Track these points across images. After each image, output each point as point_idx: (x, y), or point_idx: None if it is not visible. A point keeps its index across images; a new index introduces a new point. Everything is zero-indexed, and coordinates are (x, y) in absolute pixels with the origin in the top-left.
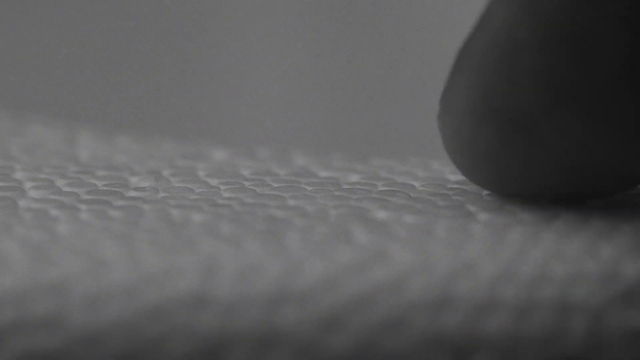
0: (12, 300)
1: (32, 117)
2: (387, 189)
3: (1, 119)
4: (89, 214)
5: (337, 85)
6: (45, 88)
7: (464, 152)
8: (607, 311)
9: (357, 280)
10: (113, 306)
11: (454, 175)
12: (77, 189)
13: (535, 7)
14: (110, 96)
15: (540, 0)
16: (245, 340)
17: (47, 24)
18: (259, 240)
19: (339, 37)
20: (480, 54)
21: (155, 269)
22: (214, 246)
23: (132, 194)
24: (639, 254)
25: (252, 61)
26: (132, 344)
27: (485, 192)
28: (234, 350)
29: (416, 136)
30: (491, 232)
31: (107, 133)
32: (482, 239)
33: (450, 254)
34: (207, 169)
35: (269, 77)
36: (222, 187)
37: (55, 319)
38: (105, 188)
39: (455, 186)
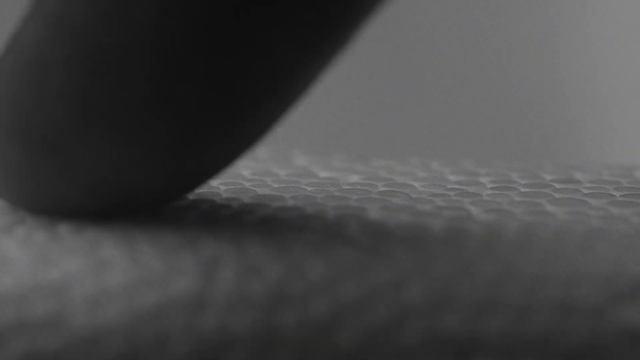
0: (12, 301)
1: None
2: (387, 189)
3: None
4: (89, 214)
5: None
6: None
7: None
8: (607, 311)
9: (357, 281)
10: (113, 306)
11: (454, 176)
12: None
13: (64, 24)
14: None
15: (69, 16)
16: (245, 340)
17: None
18: (259, 241)
19: None
20: (9, 73)
21: (155, 269)
22: (214, 246)
23: None
24: (639, 253)
25: None
26: (132, 344)
27: (485, 192)
28: (234, 351)
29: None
30: (491, 232)
31: None
32: (482, 239)
33: (450, 254)
34: None
35: None
36: (222, 187)
37: (56, 319)
38: None
39: (455, 186)
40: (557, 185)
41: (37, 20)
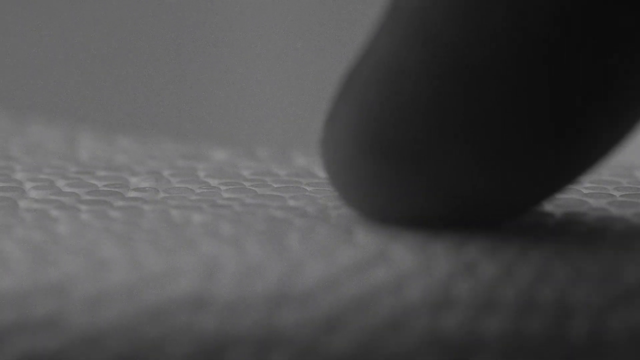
0: (12, 301)
1: (32, 117)
2: None
3: (1, 119)
4: (89, 215)
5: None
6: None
7: (346, 180)
8: (607, 311)
9: (357, 281)
10: (113, 307)
11: None
12: (77, 190)
13: (424, 37)
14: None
15: (430, 30)
16: (245, 341)
17: (47, 24)
18: (259, 241)
19: (339, 37)
20: (364, 82)
21: (155, 269)
22: (214, 246)
23: (133, 194)
24: (639, 254)
25: (252, 61)
26: (132, 345)
27: None
28: (234, 351)
29: None
30: (491, 232)
31: (107, 133)
32: (482, 239)
33: (450, 254)
34: (207, 170)
35: (269, 77)
36: (222, 187)
37: (56, 320)
38: (105, 188)
39: None
40: None
41: (395, 30)
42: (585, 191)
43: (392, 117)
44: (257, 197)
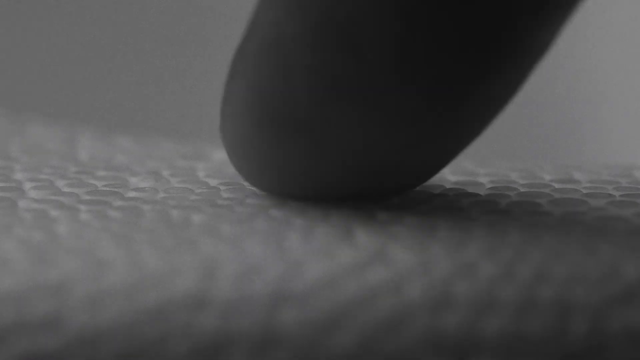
0: (12, 301)
1: (32, 117)
2: None
3: (1, 119)
4: (88, 215)
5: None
6: (45, 88)
7: (246, 157)
8: (607, 311)
9: (357, 280)
10: (113, 306)
11: (454, 176)
12: (77, 190)
13: (302, 2)
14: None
15: None
16: (245, 340)
17: (47, 23)
18: (259, 241)
19: None
20: (252, 56)
21: (155, 269)
22: (214, 246)
23: (132, 194)
24: (638, 254)
25: None
26: (132, 345)
27: (484, 192)
28: (233, 351)
29: None
30: (491, 232)
31: (107, 133)
32: (481, 239)
33: (450, 254)
34: (207, 169)
35: None
36: (222, 187)
37: (55, 320)
38: (105, 188)
39: (455, 186)
40: (557, 185)
41: (270, 1)
42: (585, 191)
43: (279, 88)
44: (257, 197)
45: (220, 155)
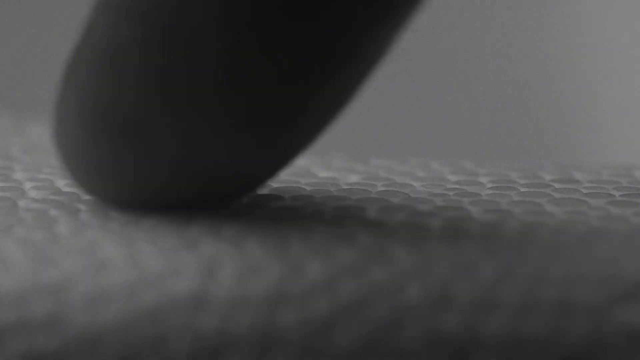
0: (12, 301)
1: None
2: (386, 189)
3: (1, 119)
4: (88, 214)
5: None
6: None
7: (80, 165)
8: (607, 311)
9: (357, 281)
10: (113, 306)
11: (454, 175)
12: (77, 189)
13: (132, 7)
14: None
15: (132, 3)
16: (244, 340)
17: (47, 24)
18: (258, 241)
19: None
20: (86, 62)
21: (155, 269)
22: (214, 246)
23: None
24: (639, 253)
25: None
26: (132, 344)
27: (484, 192)
28: (233, 351)
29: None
30: (491, 232)
31: None
32: (481, 239)
33: (449, 254)
34: None
35: None
36: None
37: (55, 319)
38: None
39: (455, 186)
40: (557, 185)
41: (106, 6)
42: (585, 191)
43: (112, 92)
44: (257, 197)
45: None
